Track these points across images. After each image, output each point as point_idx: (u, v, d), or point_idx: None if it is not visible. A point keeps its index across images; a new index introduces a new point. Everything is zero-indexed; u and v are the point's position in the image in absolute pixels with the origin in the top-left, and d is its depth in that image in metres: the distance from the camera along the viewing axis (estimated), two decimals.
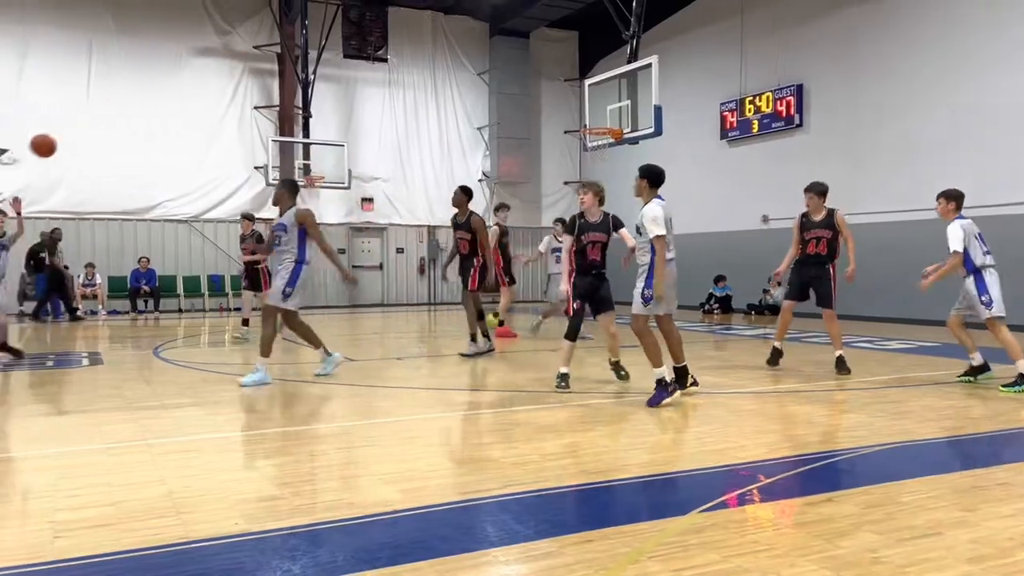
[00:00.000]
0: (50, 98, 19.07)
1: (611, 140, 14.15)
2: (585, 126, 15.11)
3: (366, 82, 22.81)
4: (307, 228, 8.13)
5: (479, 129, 24.27)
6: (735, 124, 19.33)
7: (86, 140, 19.27)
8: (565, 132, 25.14)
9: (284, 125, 21.40)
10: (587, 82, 15.37)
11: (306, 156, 20.57)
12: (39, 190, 19.10)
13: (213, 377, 8.65)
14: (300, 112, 21.08)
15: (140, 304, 19.00)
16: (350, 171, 20.89)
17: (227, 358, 11.06)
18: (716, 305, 18.87)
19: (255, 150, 21.30)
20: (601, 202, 7.76)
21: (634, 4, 13.98)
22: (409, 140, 23.38)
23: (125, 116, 19.75)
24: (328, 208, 22.44)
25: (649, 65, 13.20)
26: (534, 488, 4.15)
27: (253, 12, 21.25)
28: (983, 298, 7.37)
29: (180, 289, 20.22)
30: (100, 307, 18.64)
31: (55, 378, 8.83)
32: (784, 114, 18.03)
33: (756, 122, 18.72)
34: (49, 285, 17.37)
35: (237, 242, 21.24)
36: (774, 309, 17.96)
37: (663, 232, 6.72)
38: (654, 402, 6.49)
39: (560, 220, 13.14)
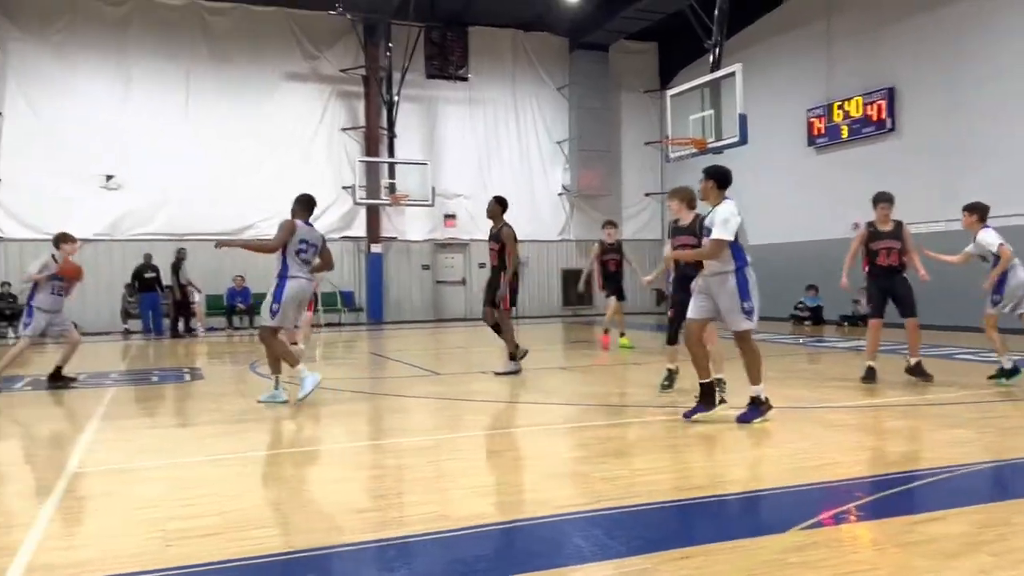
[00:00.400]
0: (151, 126, 20.08)
1: (694, 150, 13.99)
2: (667, 137, 14.99)
3: (448, 101, 23.20)
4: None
5: (559, 143, 24.34)
6: (823, 130, 18.82)
7: (184, 165, 20.21)
8: (646, 143, 24.96)
9: (370, 145, 21.96)
10: (668, 93, 15.26)
11: (391, 175, 21.03)
12: (141, 213, 20.11)
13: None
14: (385, 132, 21.57)
15: (236, 321, 19.73)
16: (433, 188, 21.24)
17: (321, 372, 11.34)
18: (807, 316, 18.34)
19: (342, 170, 21.91)
20: (691, 205, 7.65)
21: (716, 13, 13.82)
22: (490, 156, 23.63)
23: (220, 141, 20.60)
24: (413, 225, 22.88)
25: (732, 73, 13.01)
26: (625, 504, 4.11)
27: (339, 37, 21.91)
28: None
29: None
30: (199, 324, 19.44)
31: (160, 392, 9.25)
32: (875, 118, 17.46)
33: (845, 127, 18.19)
34: (175, 303, 18.23)
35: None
36: (867, 320, 17.37)
37: (728, 237, 6.24)
38: (745, 419, 6.31)
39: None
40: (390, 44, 21.24)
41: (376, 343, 16.16)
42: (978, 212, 8.18)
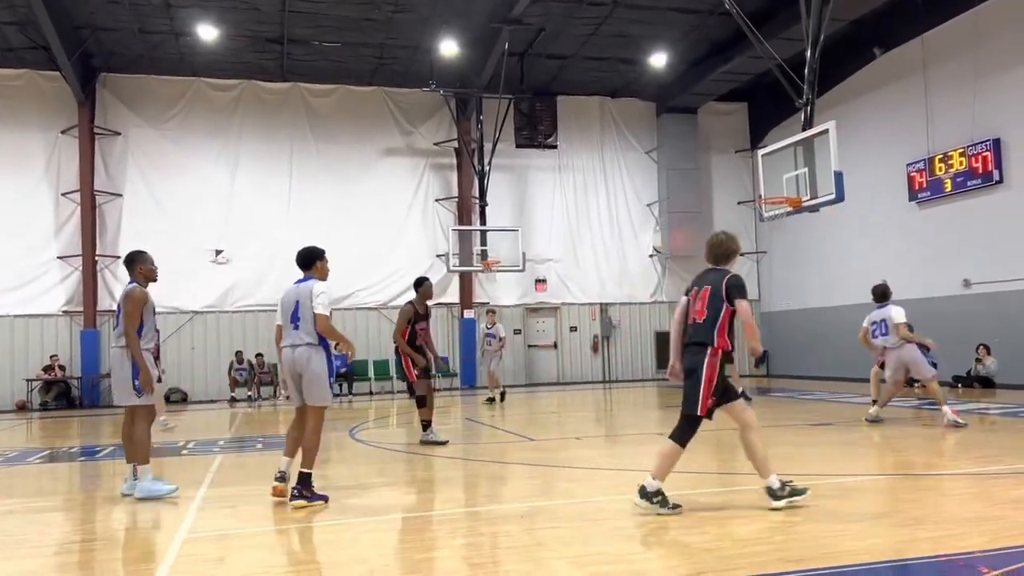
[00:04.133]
0: (257, 203, 21.22)
1: (789, 209, 13.73)
2: (760, 196, 14.78)
3: (537, 168, 23.63)
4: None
5: (648, 205, 24.35)
6: (924, 184, 18.21)
7: (287, 238, 21.10)
8: (738, 203, 24.69)
9: (462, 214, 22.51)
10: (760, 152, 15.10)
11: (483, 242, 21.43)
12: (247, 285, 21.08)
13: (403, 457, 9.01)
14: (477, 201, 22.10)
15: (335, 388, 20.23)
16: (524, 254, 21.49)
17: (415, 438, 11.48)
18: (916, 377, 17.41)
19: (437, 239, 22.48)
20: (720, 258, 6.13)
21: (806, 72, 13.70)
22: (579, 221, 23.82)
23: (321, 215, 21.52)
24: (504, 290, 23.15)
25: (826, 131, 12.81)
26: (733, 575, 3.97)
27: (433, 112, 22.75)
28: None
29: (371, 373, 21.36)
30: (281, 392, 20.03)
31: (264, 460, 9.52)
32: (980, 171, 16.80)
33: (948, 181, 17.56)
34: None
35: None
36: (985, 381, 16.41)
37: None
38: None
39: None
40: (481, 116, 21.90)
41: (469, 408, 16.26)
42: None
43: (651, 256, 24.31)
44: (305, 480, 6.09)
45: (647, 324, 24.27)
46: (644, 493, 5.41)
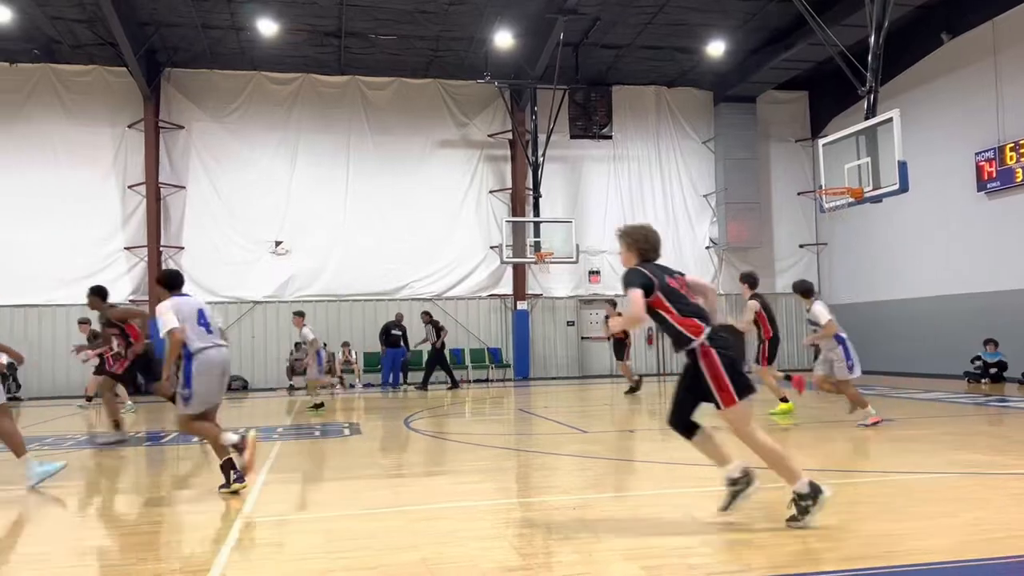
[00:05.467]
0: (315, 195, 21.56)
1: (851, 199, 13.40)
2: (821, 187, 14.45)
3: (592, 159, 23.50)
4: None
5: (705, 196, 24.01)
6: (994, 174, 17.57)
7: (344, 230, 21.50)
8: (798, 194, 24.19)
9: (516, 206, 22.52)
10: (821, 142, 14.76)
11: (536, 234, 21.41)
12: (305, 276, 21.47)
13: (456, 447, 9.08)
14: (531, 193, 22.08)
15: (389, 377, 20.46)
16: (577, 246, 21.41)
17: (468, 428, 11.57)
18: (986, 372, 16.85)
19: (490, 231, 22.55)
20: (640, 255, 5.40)
21: (870, 58, 13.32)
22: (634, 211, 23.60)
23: (377, 206, 21.79)
24: (558, 282, 23.11)
25: (890, 119, 12.45)
26: (790, 572, 3.91)
27: (487, 104, 22.78)
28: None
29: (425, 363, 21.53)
30: (357, 381, 20.37)
31: (321, 447, 9.71)
32: None
33: (1020, 170, 16.91)
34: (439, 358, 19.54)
35: (476, 318, 22.50)
36: None
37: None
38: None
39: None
40: (535, 107, 21.86)
41: (523, 399, 16.30)
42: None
43: (707, 248, 23.98)
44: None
45: None
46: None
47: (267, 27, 18.81)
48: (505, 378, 22.17)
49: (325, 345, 19.87)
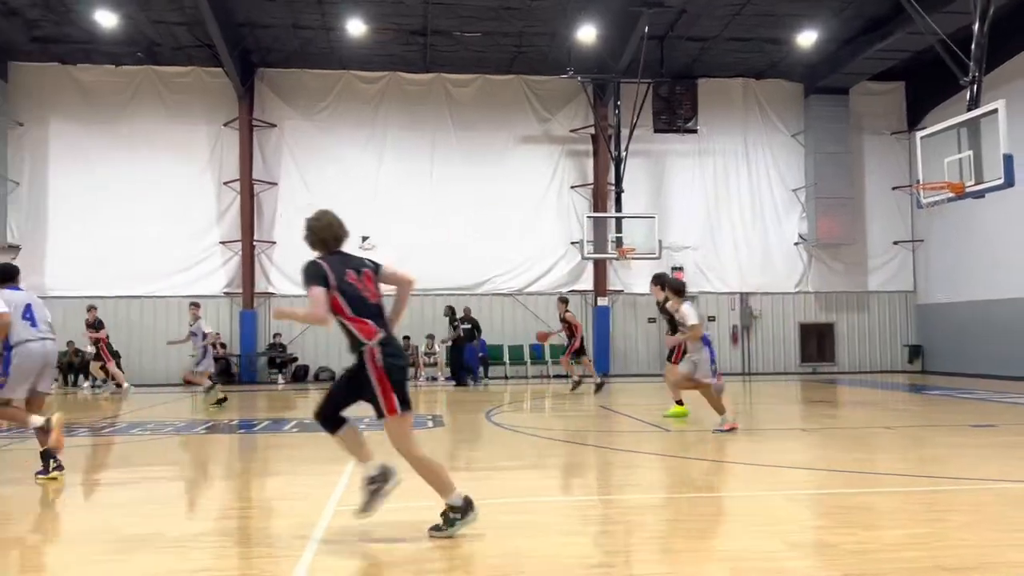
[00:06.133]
0: (400, 191, 21.94)
1: (951, 195, 12.82)
2: (918, 181, 13.87)
3: (676, 153, 23.17)
4: None
5: (794, 191, 23.37)
6: None
7: (428, 225, 21.81)
8: (893, 188, 23.29)
9: (598, 201, 22.40)
10: (919, 134, 14.17)
11: (618, 229, 21.25)
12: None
13: (537, 442, 9.12)
14: (613, 188, 21.92)
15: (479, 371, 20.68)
16: (660, 241, 21.15)
17: (549, 423, 11.60)
18: None
19: (571, 226, 22.50)
20: (323, 246, 5.00)
21: (973, 47, 12.70)
22: (719, 207, 23.19)
23: (460, 202, 22.03)
24: (639, 278, 22.84)
25: (994, 111, 11.86)
26: None
27: (570, 99, 22.73)
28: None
29: (506, 357, 21.71)
30: (439, 374, 20.66)
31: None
32: None
33: None
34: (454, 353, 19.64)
35: (556, 313, 22.49)
36: None
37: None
38: None
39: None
40: (618, 102, 21.68)
41: (603, 396, 16.22)
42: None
43: (796, 244, 23.34)
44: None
45: (790, 315, 23.37)
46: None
47: (355, 27, 19.24)
48: (585, 374, 22.08)
49: (405, 338, 20.34)
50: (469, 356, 19.92)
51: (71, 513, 5.88)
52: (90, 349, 17.88)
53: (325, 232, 4.91)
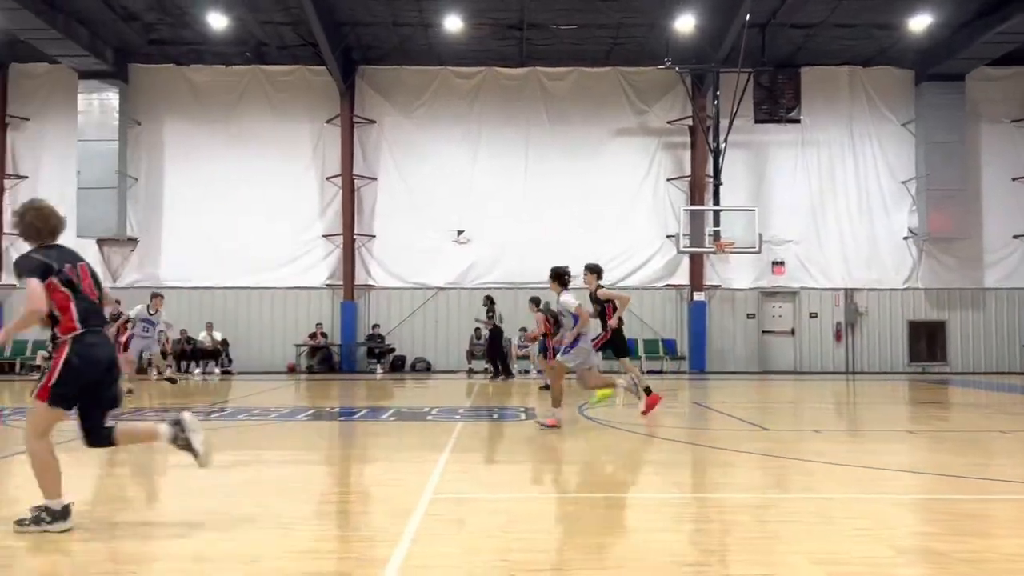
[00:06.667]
0: (495, 185, 22.14)
1: None
2: None
3: (777, 144, 22.51)
4: None
5: (904, 183, 22.35)
6: None
7: (522, 218, 21.92)
8: (1013, 179, 21.99)
9: (695, 194, 22.02)
10: None
11: (716, 222, 20.82)
12: (485, 264, 22.13)
13: (629, 437, 9.04)
14: (711, 180, 21.49)
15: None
16: (760, 235, 20.62)
17: (642, 419, 11.48)
18: None
19: (667, 219, 22.19)
20: (37, 237, 4.72)
21: None
22: (824, 199, 22.41)
23: (554, 195, 22.06)
24: (738, 273, 22.39)
25: None
26: None
27: (667, 90, 22.39)
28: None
29: None
30: (532, 366, 20.75)
31: (499, 430, 10.00)
32: None
33: None
34: (489, 344, 19.82)
35: (650, 308, 22.25)
36: None
37: None
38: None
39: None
40: (718, 92, 21.23)
41: (698, 393, 15.96)
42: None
43: (905, 238, 22.34)
44: None
45: (898, 312, 22.40)
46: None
47: (453, 23, 19.49)
48: (679, 371, 21.78)
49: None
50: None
51: (185, 493, 6.21)
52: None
53: (43, 223, 4.66)
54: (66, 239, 4.94)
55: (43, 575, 4.12)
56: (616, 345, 11.06)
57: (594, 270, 10.94)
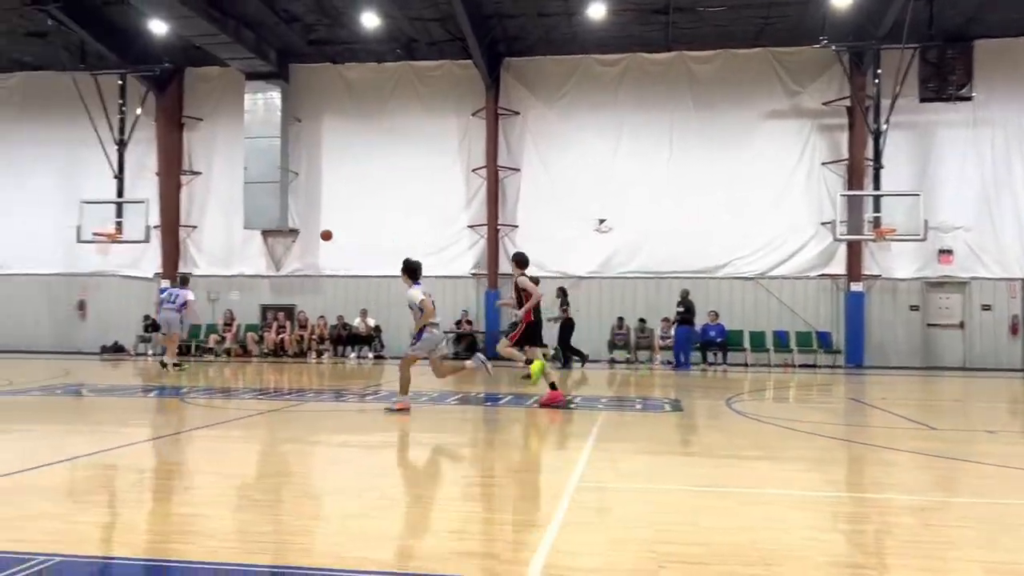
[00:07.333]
0: (637, 173, 21.85)
1: None
2: None
3: (946, 124, 20.95)
4: None
5: None
6: None
7: (664, 207, 21.54)
8: None
9: (852, 178, 20.87)
10: None
11: (876, 208, 19.68)
12: (626, 253, 21.92)
13: (781, 432, 8.73)
14: (870, 163, 20.30)
15: (709, 356, 20.22)
16: (926, 221, 19.31)
17: (794, 414, 11.06)
18: None
19: (821, 205, 21.17)
20: None
21: None
22: (998, 182, 20.68)
23: (698, 182, 21.52)
24: (899, 262, 21.08)
25: None
26: None
27: (822, 70, 21.30)
28: None
29: (747, 343, 20.93)
30: (657, 357, 20.52)
31: (644, 420, 9.91)
32: None
33: None
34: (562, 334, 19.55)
35: (803, 299, 21.32)
36: None
37: None
38: None
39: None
40: (879, 70, 20.00)
41: (855, 388, 15.16)
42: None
43: None
44: None
45: None
46: None
47: (596, 10, 19.37)
48: (835, 365, 20.76)
49: (641, 320, 20.31)
50: (682, 339, 19.40)
51: (342, 471, 6.54)
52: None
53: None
54: (234, 230, 5.31)
55: (215, 535, 4.45)
56: (528, 335, 10.93)
57: (516, 260, 11.23)
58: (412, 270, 10.11)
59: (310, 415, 10.06)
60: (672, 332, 20.11)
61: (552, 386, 10.39)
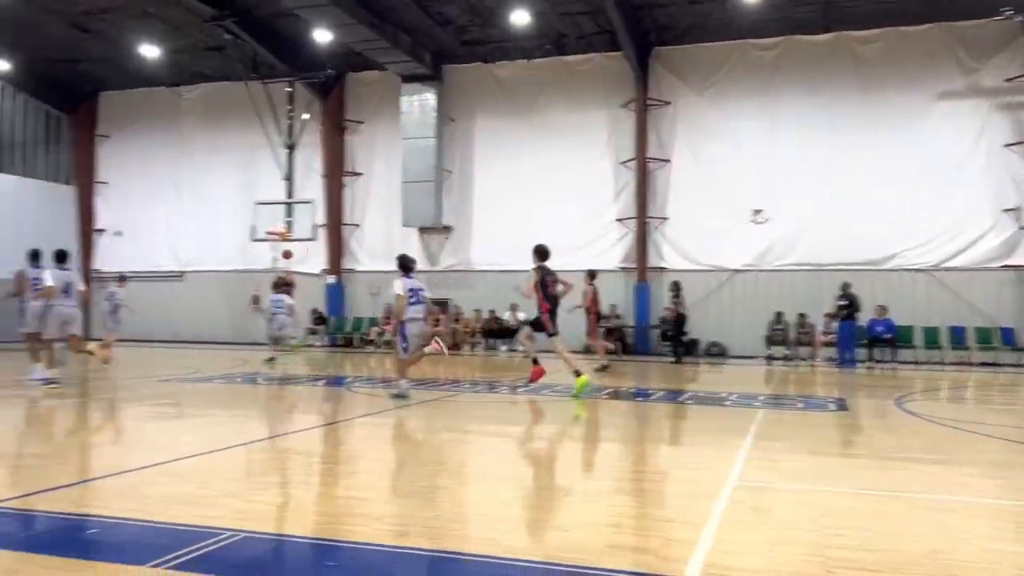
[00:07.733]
0: (794, 161, 20.89)
1: None
2: None
3: None
4: None
5: None
6: None
7: (825, 196, 20.49)
8: None
9: None
10: None
11: None
12: (783, 245, 21.04)
13: (957, 435, 8.12)
14: None
15: (876, 353, 19.04)
16: None
17: (972, 416, 10.26)
18: None
19: (1003, 191, 19.48)
20: None
21: None
22: None
23: (861, 170, 20.30)
24: None
25: None
26: None
27: (1004, 44, 19.57)
28: None
29: (918, 340, 19.58)
30: (818, 354, 19.49)
31: (806, 419, 9.49)
32: None
33: None
34: (674, 328, 19.38)
35: (982, 292, 19.65)
36: None
37: None
38: None
39: None
40: None
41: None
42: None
43: None
44: None
45: None
46: None
47: None
48: (1020, 363, 19.05)
49: (801, 316, 19.38)
50: (845, 335, 18.25)
51: (497, 459, 6.68)
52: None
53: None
54: (392, 228, 5.55)
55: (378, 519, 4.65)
56: (536, 324, 11.27)
57: (535, 251, 11.50)
58: (403, 264, 10.50)
59: (465, 405, 10.34)
60: (834, 327, 19.10)
61: (534, 362, 11.01)
